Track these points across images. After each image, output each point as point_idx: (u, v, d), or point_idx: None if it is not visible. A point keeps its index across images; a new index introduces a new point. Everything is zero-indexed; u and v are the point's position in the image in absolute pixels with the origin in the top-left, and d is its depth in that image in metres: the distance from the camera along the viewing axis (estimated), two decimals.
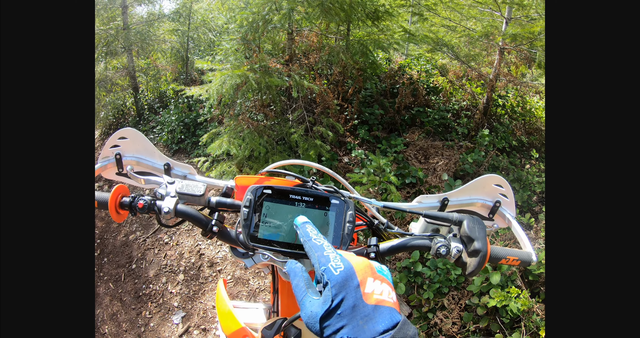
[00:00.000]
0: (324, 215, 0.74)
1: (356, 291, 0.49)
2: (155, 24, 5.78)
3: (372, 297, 0.49)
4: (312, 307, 0.50)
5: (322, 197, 0.74)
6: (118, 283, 3.23)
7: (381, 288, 0.51)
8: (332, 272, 0.51)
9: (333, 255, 0.54)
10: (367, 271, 0.52)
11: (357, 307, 0.48)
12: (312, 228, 0.62)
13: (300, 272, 0.57)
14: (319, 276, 0.53)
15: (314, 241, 0.58)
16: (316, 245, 0.57)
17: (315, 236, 0.60)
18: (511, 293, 2.21)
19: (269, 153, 3.17)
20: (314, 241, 0.58)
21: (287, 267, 0.59)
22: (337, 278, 0.50)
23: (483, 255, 0.76)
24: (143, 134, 1.09)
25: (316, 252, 0.55)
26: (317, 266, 0.53)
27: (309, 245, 0.58)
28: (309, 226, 0.63)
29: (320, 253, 0.55)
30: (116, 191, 0.81)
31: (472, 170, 3.41)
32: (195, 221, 0.81)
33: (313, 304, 0.51)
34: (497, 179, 1.06)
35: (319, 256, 0.54)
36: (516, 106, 4.80)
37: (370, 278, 0.51)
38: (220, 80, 2.96)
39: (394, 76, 4.69)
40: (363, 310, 0.48)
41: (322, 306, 0.49)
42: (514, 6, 3.98)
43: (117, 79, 5.97)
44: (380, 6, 3.72)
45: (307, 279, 0.56)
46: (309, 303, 0.51)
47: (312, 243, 0.58)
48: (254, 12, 3.06)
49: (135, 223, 3.76)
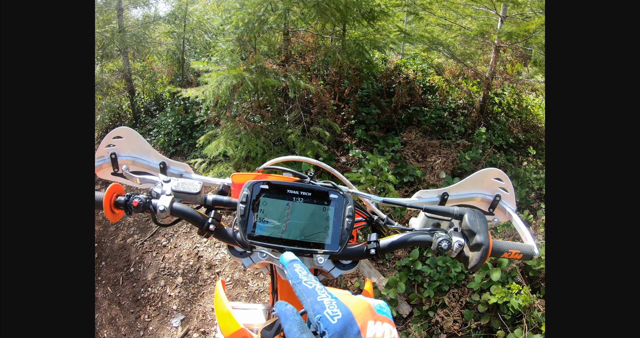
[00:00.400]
0: (323, 209, 0.72)
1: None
2: (150, 27, 5.77)
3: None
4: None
5: (320, 192, 0.73)
6: (116, 287, 3.21)
7: (382, 330, 0.48)
8: (329, 321, 0.46)
9: (328, 300, 0.49)
10: (367, 314, 0.49)
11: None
12: (301, 268, 0.57)
13: (292, 316, 0.51)
14: (315, 324, 0.48)
15: (305, 284, 0.53)
16: (307, 288, 0.52)
17: (306, 278, 0.54)
18: (512, 289, 2.21)
19: (266, 154, 3.16)
20: (304, 283, 0.53)
21: (277, 309, 0.53)
22: (335, 328, 0.46)
23: (485, 249, 0.75)
24: (138, 133, 1.08)
25: (308, 297, 0.51)
26: (311, 313, 0.49)
27: (299, 288, 0.53)
28: (297, 265, 0.58)
29: (313, 299, 0.50)
30: (111, 190, 0.79)
31: (470, 168, 3.41)
32: (191, 219, 0.79)
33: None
34: (497, 173, 1.05)
35: (312, 303, 0.50)
36: (512, 104, 4.81)
37: (371, 321, 0.48)
38: (216, 81, 2.95)
39: (390, 75, 4.69)
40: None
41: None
42: (509, 4, 3.99)
43: (113, 82, 5.95)
44: (376, 6, 3.72)
45: (299, 323, 0.50)
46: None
47: (302, 286, 0.53)
48: (250, 13, 3.05)
49: (133, 226, 3.73)
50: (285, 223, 0.71)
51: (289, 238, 0.71)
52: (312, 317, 0.49)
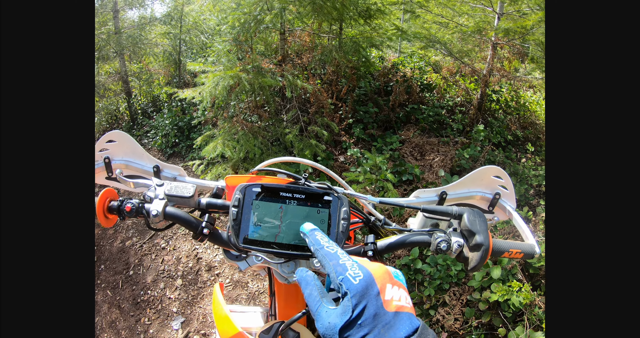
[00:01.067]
0: (317, 212, 0.71)
1: (377, 299, 0.48)
2: (146, 28, 5.74)
3: (392, 304, 0.48)
4: (330, 318, 0.48)
5: (314, 194, 0.71)
6: (116, 290, 3.19)
7: (399, 294, 0.50)
8: (351, 281, 0.49)
9: (350, 263, 0.52)
10: (386, 278, 0.50)
11: (378, 316, 0.47)
12: (322, 235, 0.60)
13: (313, 281, 0.55)
14: (336, 285, 0.50)
15: (327, 249, 0.56)
16: (329, 253, 0.55)
17: (327, 244, 0.57)
18: (512, 287, 2.20)
19: (264, 154, 3.14)
20: (326, 249, 0.56)
21: (298, 276, 0.57)
22: (357, 288, 0.48)
23: (485, 249, 0.74)
24: (131, 136, 1.07)
25: (331, 261, 0.53)
26: (334, 275, 0.51)
27: (321, 253, 0.56)
28: (318, 233, 0.61)
29: (335, 262, 0.52)
30: (103, 195, 0.78)
31: (469, 165, 3.40)
32: (185, 223, 0.78)
33: (330, 314, 0.49)
34: (496, 170, 1.04)
35: (335, 265, 0.52)
36: (510, 101, 4.80)
37: (389, 285, 0.50)
38: (213, 82, 2.93)
39: (387, 74, 4.68)
40: (384, 318, 0.47)
41: (342, 317, 0.47)
42: (506, 1, 3.97)
43: (109, 84, 5.92)
44: (372, 4, 3.71)
45: (320, 288, 0.54)
46: (326, 314, 0.49)
47: (325, 251, 0.55)
48: (246, 13, 3.04)
49: (132, 228, 3.72)
50: (279, 227, 0.70)
51: (283, 241, 0.69)
52: (335, 279, 0.50)
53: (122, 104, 5.82)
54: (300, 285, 0.55)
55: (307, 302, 0.53)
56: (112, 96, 5.97)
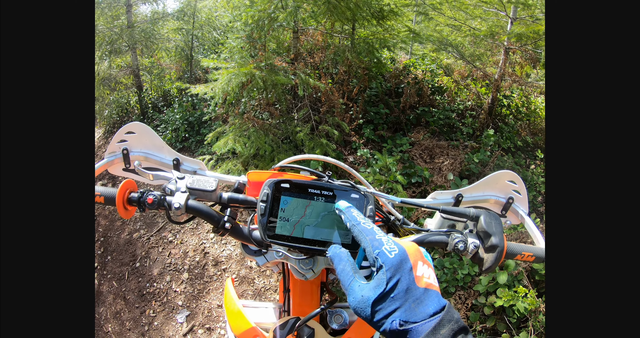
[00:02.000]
0: None
1: (410, 274, 0.49)
2: (159, 23, 5.78)
3: (422, 280, 0.50)
4: (363, 291, 0.50)
5: (341, 191, 0.72)
6: (122, 282, 3.22)
7: (429, 272, 0.51)
8: (386, 255, 0.50)
9: (385, 239, 0.53)
10: (418, 255, 0.52)
11: (410, 290, 0.48)
12: (357, 212, 0.62)
13: (346, 257, 0.57)
14: (372, 259, 0.52)
15: (364, 225, 0.57)
16: (366, 228, 0.56)
17: (363, 220, 0.59)
18: (518, 292, 2.20)
19: (275, 152, 3.16)
20: (363, 225, 0.57)
21: (331, 252, 0.59)
22: (392, 261, 0.50)
23: (500, 251, 0.75)
24: (151, 129, 1.08)
25: (367, 235, 0.55)
26: (370, 249, 0.53)
27: (358, 228, 0.57)
28: (354, 211, 0.62)
29: (372, 237, 0.54)
30: (124, 186, 0.79)
31: (478, 170, 3.39)
32: (207, 217, 0.79)
33: (363, 288, 0.50)
34: (510, 175, 1.05)
35: (372, 240, 0.54)
36: (521, 107, 4.78)
37: (420, 262, 0.51)
38: (226, 78, 2.95)
39: (398, 75, 4.68)
40: (415, 293, 0.48)
41: (376, 290, 0.49)
42: (519, 6, 3.96)
43: (121, 77, 5.98)
44: (386, 5, 3.71)
45: (352, 264, 0.56)
46: (359, 288, 0.51)
47: (361, 227, 0.57)
48: (260, 10, 3.05)
49: (139, 221, 3.75)
50: (305, 222, 0.70)
51: (309, 237, 0.70)
52: (371, 253, 0.52)
53: (133, 98, 5.87)
54: (333, 261, 0.57)
55: (340, 277, 0.54)
56: (123, 89, 6.02)
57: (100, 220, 3.93)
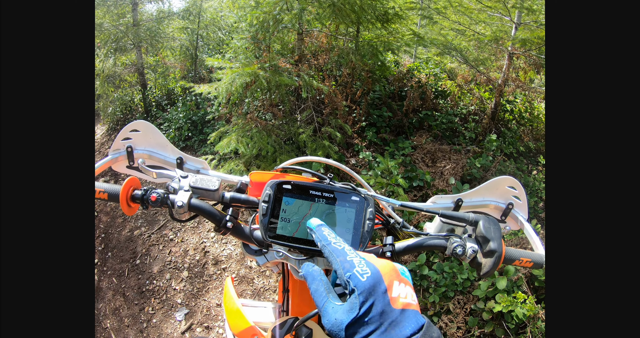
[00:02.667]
0: (344, 211, 0.73)
1: (384, 296, 0.48)
2: (164, 22, 5.81)
3: (398, 301, 0.48)
4: (337, 314, 0.48)
5: (342, 194, 0.73)
6: (121, 278, 3.24)
7: (405, 291, 0.50)
8: (358, 278, 0.49)
9: (357, 260, 0.51)
10: (393, 275, 0.50)
11: (386, 313, 0.47)
12: (329, 231, 0.59)
13: (319, 276, 0.55)
14: (343, 282, 0.50)
15: (334, 246, 0.55)
16: (337, 249, 0.54)
17: (334, 240, 0.57)
18: (517, 298, 2.19)
19: (277, 152, 3.17)
20: (333, 245, 0.55)
21: (304, 271, 0.56)
22: (365, 285, 0.48)
23: (498, 256, 0.76)
24: (156, 127, 1.09)
25: (338, 257, 0.53)
26: (341, 272, 0.51)
27: (328, 249, 0.55)
28: (325, 229, 0.60)
29: (343, 258, 0.52)
30: (128, 183, 0.80)
31: (480, 175, 3.39)
32: (209, 216, 0.80)
33: (337, 311, 0.49)
34: (511, 181, 1.06)
35: (342, 262, 0.52)
36: (524, 112, 4.77)
37: (396, 281, 0.50)
38: (230, 78, 2.96)
39: (402, 78, 4.68)
40: (391, 315, 0.47)
41: (349, 314, 0.47)
42: (524, 11, 3.95)
43: (125, 75, 6.00)
44: (390, 8, 3.71)
45: (326, 283, 0.54)
46: (332, 310, 0.49)
47: (332, 248, 0.55)
48: (265, 12, 3.06)
49: (140, 218, 3.77)
50: (306, 224, 0.71)
51: (309, 238, 0.71)
52: (342, 276, 0.50)
53: (137, 96, 5.89)
54: (307, 280, 0.55)
55: (314, 297, 0.53)
56: (128, 87, 6.04)
57: (101, 217, 3.95)
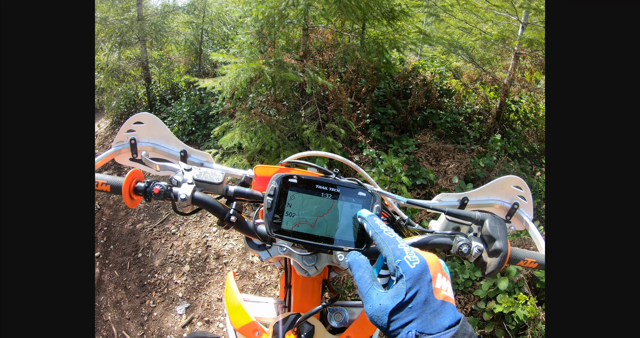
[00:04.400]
0: (350, 207, 0.72)
1: (429, 285, 0.50)
2: (169, 16, 5.79)
3: (440, 293, 0.50)
4: (381, 300, 0.50)
5: (348, 189, 0.72)
6: (123, 271, 3.24)
7: (447, 285, 0.51)
8: (408, 265, 0.51)
9: (407, 249, 0.54)
10: (438, 267, 0.52)
11: (428, 302, 0.49)
12: (380, 221, 0.62)
13: (365, 264, 0.57)
14: (392, 268, 0.52)
15: (386, 234, 0.58)
16: (389, 237, 0.57)
17: (386, 229, 0.59)
18: (519, 299, 2.19)
19: (281, 148, 3.16)
20: (385, 233, 0.58)
21: (350, 259, 0.59)
22: (413, 272, 0.50)
23: (504, 255, 0.75)
24: (160, 120, 1.08)
25: (390, 244, 0.55)
26: (392, 258, 0.53)
27: (380, 237, 0.58)
28: (376, 219, 0.63)
29: (394, 246, 0.55)
30: (130, 175, 0.79)
31: (483, 174, 3.38)
32: (213, 209, 0.79)
33: (381, 297, 0.51)
34: (517, 180, 1.05)
35: (394, 249, 0.54)
36: (529, 113, 4.75)
37: (440, 274, 0.51)
38: (234, 73, 2.95)
39: (407, 76, 4.66)
40: (433, 304, 0.49)
41: (394, 299, 0.49)
42: (531, 11, 3.93)
43: (129, 69, 5.99)
44: (397, 5, 3.69)
45: (371, 271, 0.56)
46: (377, 296, 0.51)
47: (384, 236, 0.58)
48: (271, 7, 3.05)
49: (143, 212, 3.77)
50: (311, 219, 0.70)
51: (315, 233, 0.70)
52: (392, 262, 0.53)
53: (141, 90, 5.89)
54: (352, 268, 0.58)
55: (358, 284, 0.55)
56: (132, 81, 6.04)
57: (104, 210, 3.96)
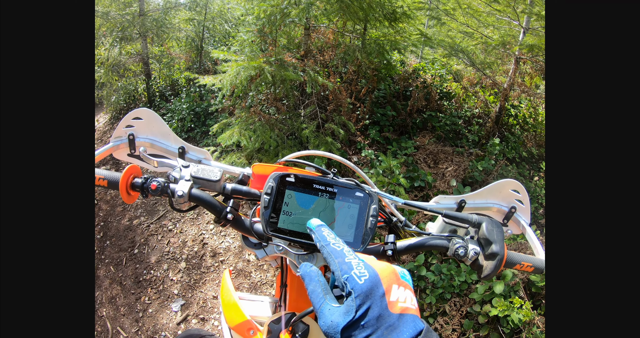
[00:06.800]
0: (347, 207, 0.71)
1: (381, 300, 0.47)
2: (171, 12, 5.78)
3: (396, 305, 0.47)
4: (333, 317, 0.47)
5: (346, 189, 0.72)
6: (119, 267, 3.24)
7: (405, 295, 0.49)
8: (356, 281, 0.48)
9: (355, 262, 0.50)
10: (392, 278, 0.49)
11: (382, 317, 0.46)
12: (328, 232, 0.59)
13: (317, 277, 0.53)
14: (341, 284, 0.49)
15: (333, 246, 0.54)
16: (335, 250, 0.53)
17: (334, 241, 0.56)
18: (514, 303, 2.19)
19: (279, 147, 3.15)
20: (332, 246, 0.54)
21: (302, 270, 0.55)
22: (362, 288, 0.47)
23: (500, 259, 0.75)
24: (159, 116, 1.07)
25: (336, 258, 0.52)
26: (339, 273, 0.50)
27: (327, 250, 0.54)
28: (325, 230, 0.59)
29: (341, 260, 0.51)
30: (128, 171, 0.79)
31: (481, 178, 3.38)
32: (209, 207, 0.79)
33: (333, 313, 0.48)
34: (515, 184, 1.04)
35: (340, 263, 0.51)
36: (528, 117, 4.76)
37: (395, 285, 0.49)
38: (235, 71, 2.95)
39: (407, 78, 4.66)
40: (388, 319, 0.46)
41: (345, 317, 0.46)
42: (533, 16, 3.93)
43: (130, 64, 5.99)
44: (399, 7, 3.69)
45: (324, 284, 0.53)
46: (329, 312, 0.48)
47: (330, 248, 0.54)
48: (273, 5, 3.05)
49: (140, 208, 3.76)
50: (308, 218, 0.70)
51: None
52: (340, 277, 0.49)
53: (141, 85, 5.88)
54: (304, 280, 0.54)
55: (311, 297, 0.52)
56: (132, 76, 6.03)
57: (101, 205, 3.95)
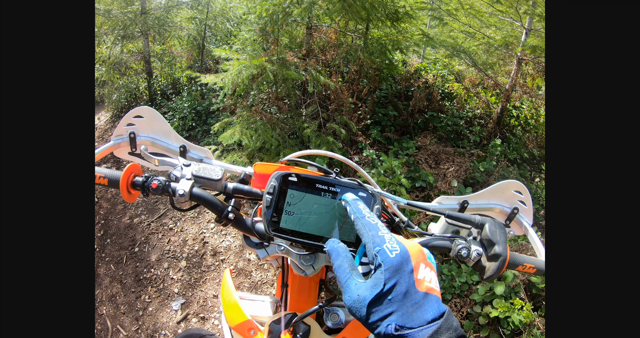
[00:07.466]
0: None
1: (410, 276, 0.47)
2: (173, 11, 5.77)
3: (423, 284, 0.47)
4: (359, 290, 0.47)
5: (349, 189, 0.71)
6: (119, 265, 3.23)
7: (430, 276, 0.49)
8: (387, 254, 0.47)
9: (388, 236, 0.50)
10: (420, 257, 0.49)
11: (409, 294, 0.46)
12: (364, 206, 0.58)
13: (344, 252, 0.54)
14: (371, 256, 0.49)
15: (368, 219, 0.54)
16: (370, 223, 0.53)
17: (369, 214, 0.55)
18: (515, 304, 2.18)
19: (281, 146, 3.15)
20: (367, 218, 0.54)
21: (329, 246, 0.56)
22: (393, 261, 0.47)
23: (503, 260, 0.74)
24: (160, 114, 1.07)
25: (370, 231, 0.51)
26: (371, 246, 0.50)
27: (362, 222, 0.54)
28: (360, 203, 0.59)
29: (374, 233, 0.51)
30: (129, 169, 0.79)
31: (482, 179, 3.37)
32: (211, 206, 0.78)
33: (359, 287, 0.48)
34: (517, 185, 1.04)
35: (374, 236, 0.50)
36: (530, 118, 4.74)
37: (423, 264, 0.49)
38: (236, 69, 2.95)
39: (409, 78, 4.65)
40: (414, 297, 0.46)
41: (372, 290, 0.46)
42: (535, 17, 3.92)
43: (131, 62, 5.98)
44: (401, 7, 3.68)
45: (350, 260, 0.53)
46: (355, 286, 0.48)
47: (365, 221, 0.54)
48: (275, 4, 3.04)
49: (141, 206, 3.76)
50: (311, 217, 0.70)
51: (313, 233, 0.69)
52: (371, 249, 0.49)
53: (143, 84, 5.87)
54: (331, 255, 0.54)
55: (336, 272, 0.52)
56: (133, 74, 6.03)
57: (102, 203, 3.95)
